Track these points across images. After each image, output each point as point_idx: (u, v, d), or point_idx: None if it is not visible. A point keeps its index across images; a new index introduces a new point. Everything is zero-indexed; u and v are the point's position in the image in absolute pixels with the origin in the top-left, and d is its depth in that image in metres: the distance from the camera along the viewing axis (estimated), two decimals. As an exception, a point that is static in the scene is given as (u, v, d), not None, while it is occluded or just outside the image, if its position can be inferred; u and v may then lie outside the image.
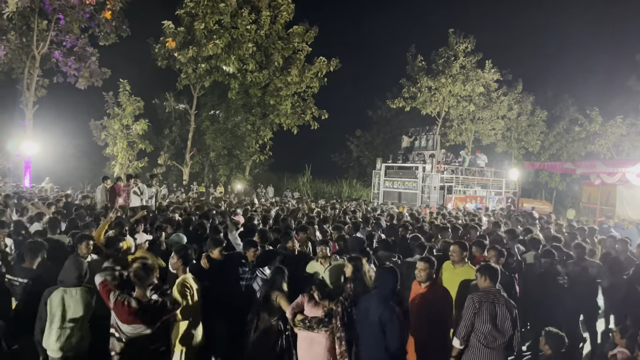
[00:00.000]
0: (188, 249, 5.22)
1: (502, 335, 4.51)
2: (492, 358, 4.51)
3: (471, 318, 4.54)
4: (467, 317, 4.57)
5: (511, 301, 4.69)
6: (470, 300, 4.61)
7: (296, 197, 25.52)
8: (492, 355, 4.51)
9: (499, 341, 4.50)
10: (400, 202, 21.08)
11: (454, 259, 5.90)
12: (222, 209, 12.40)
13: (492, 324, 4.50)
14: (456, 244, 5.99)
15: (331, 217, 11.72)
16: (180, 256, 5.02)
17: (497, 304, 4.57)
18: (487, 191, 23.67)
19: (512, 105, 31.32)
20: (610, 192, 20.52)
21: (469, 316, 4.56)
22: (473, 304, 4.57)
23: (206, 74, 25.10)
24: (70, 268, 4.45)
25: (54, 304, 4.29)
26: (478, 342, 4.56)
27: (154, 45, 24.53)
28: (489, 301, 4.57)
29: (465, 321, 4.57)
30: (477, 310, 4.53)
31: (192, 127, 28.00)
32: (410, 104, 29.35)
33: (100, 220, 8.04)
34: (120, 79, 22.76)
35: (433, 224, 10.77)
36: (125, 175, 15.44)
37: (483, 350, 4.53)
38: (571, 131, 33.05)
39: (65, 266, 4.49)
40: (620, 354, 4.92)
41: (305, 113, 28.10)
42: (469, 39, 27.87)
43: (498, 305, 4.56)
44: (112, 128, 22.72)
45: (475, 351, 4.57)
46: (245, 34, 24.59)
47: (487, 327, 4.49)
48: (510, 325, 4.52)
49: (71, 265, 4.48)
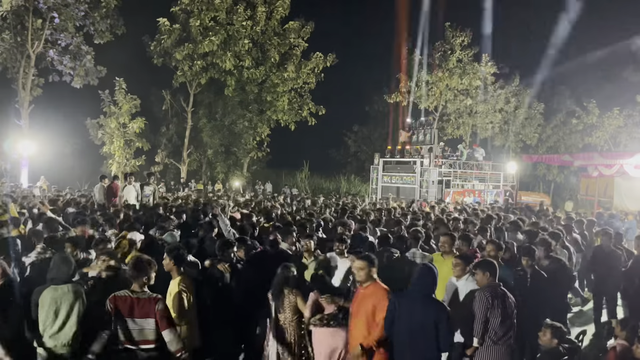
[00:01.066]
0: (180, 248, 5.10)
1: (511, 328, 4.53)
2: (501, 355, 4.52)
3: (485, 314, 4.50)
4: (481, 314, 4.51)
5: (509, 294, 4.68)
6: (482, 297, 4.56)
7: (295, 194, 25.50)
8: (500, 352, 4.52)
9: (508, 334, 4.52)
10: (399, 197, 21.06)
11: (444, 250, 6.02)
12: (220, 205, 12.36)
13: (503, 319, 4.50)
14: (447, 235, 6.10)
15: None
16: (172, 257, 4.91)
17: (505, 297, 4.59)
18: (485, 185, 23.65)
19: (509, 98, 31.28)
20: (608, 184, 20.56)
21: (483, 313, 4.51)
22: (486, 300, 4.52)
23: (202, 71, 25.04)
24: (59, 265, 4.41)
25: (46, 302, 4.26)
26: (488, 338, 4.54)
27: (149, 43, 24.44)
28: (499, 296, 4.57)
29: (480, 318, 4.52)
30: (490, 306, 4.50)
31: (189, 124, 27.94)
32: (407, 99, 29.28)
33: (98, 218, 8.04)
34: (116, 77, 22.66)
35: (431, 217, 10.78)
36: (123, 174, 15.38)
37: (493, 347, 4.53)
38: (568, 123, 33.02)
39: (54, 264, 4.45)
40: (620, 346, 4.92)
41: (303, 109, 28.07)
42: (466, 33, 27.80)
43: (506, 298, 4.59)
44: (108, 127, 22.64)
45: (484, 348, 4.56)
46: (241, 31, 24.52)
47: (498, 321, 4.49)
48: (515, 318, 4.57)
49: (60, 262, 4.45)
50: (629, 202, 19.25)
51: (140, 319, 4.05)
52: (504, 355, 4.52)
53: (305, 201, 16.37)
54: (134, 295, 4.10)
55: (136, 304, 4.06)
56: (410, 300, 4.34)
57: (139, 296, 4.10)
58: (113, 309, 4.04)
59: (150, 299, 4.13)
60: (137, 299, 4.08)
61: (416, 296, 4.35)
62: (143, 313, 4.06)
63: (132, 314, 4.05)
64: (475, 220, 9.90)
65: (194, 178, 30.24)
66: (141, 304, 4.07)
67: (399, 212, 12.04)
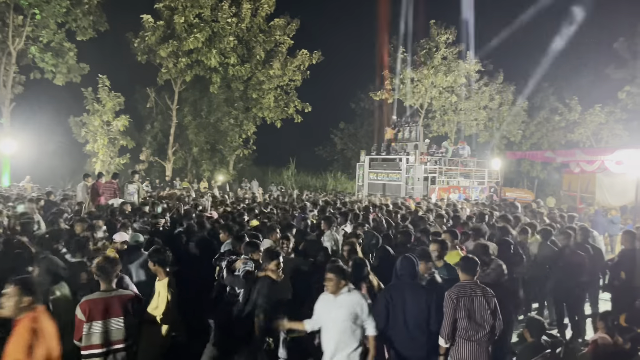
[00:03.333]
0: (162, 252, 5.04)
1: (483, 328, 4.49)
2: (476, 350, 4.50)
3: (452, 314, 4.51)
4: (448, 314, 4.53)
5: (489, 290, 4.65)
6: (447, 297, 4.58)
7: (282, 191, 25.47)
8: (475, 348, 4.50)
9: (480, 333, 4.48)
10: (385, 194, 21.15)
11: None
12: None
13: (472, 318, 4.49)
14: (446, 232, 6.55)
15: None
16: (155, 262, 4.96)
17: (474, 297, 4.54)
18: (470, 181, 23.88)
19: (494, 95, 31.59)
20: (590, 179, 20.88)
21: (450, 313, 4.52)
22: (451, 300, 4.53)
23: (187, 68, 24.83)
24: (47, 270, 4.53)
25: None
26: (459, 337, 4.54)
27: (133, 40, 24.17)
28: (466, 295, 4.54)
29: (447, 319, 4.53)
30: (455, 305, 4.50)
31: (174, 122, 27.72)
32: (393, 96, 29.40)
33: (79, 216, 8.04)
34: (99, 75, 22.37)
35: (418, 213, 10.87)
36: (107, 173, 15.25)
37: (465, 344, 4.51)
38: (551, 120, 33.43)
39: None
40: (601, 339, 5.02)
41: (289, 106, 28.02)
42: (450, 30, 27.98)
43: (476, 297, 4.54)
44: (92, 125, 22.35)
45: (458, 346, 4.56)
46: (226, 27, 24.36)
47: (466, 322, 4.48)
48: (490, 316, 4.51)
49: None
50: (611, 197, 19.57)
51: (114, 318, 4.12)
52: (477, 352, 4.49)
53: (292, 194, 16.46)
54: (104, 295, 4.16)
55: (110, 304, 4.12)
56: (400, 291, 4.62)
57: (109, 295, 4.17)
58: (87, 314, 4.02)
59: (122, 297, 4.22)
60: (110, 299, 4.15)
61: (404, 286, 4.64)
62: (115, 312, 4.13)
63: (108, 315, 4.10)
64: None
65: (179, 176, 30.03)
66: (113, 303, 4.14)
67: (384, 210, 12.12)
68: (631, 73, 30.46)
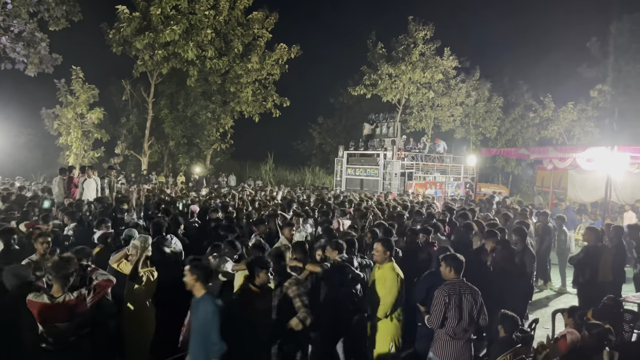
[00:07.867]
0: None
1: (469, 325, 4.60)
2: (460, 348, 4.59)
3: (443, 311, 4.56)
4: (439, 310, 4.57)
5: (475, 288, 4.76)
6: (439, 294, 4.64)
7: (260, 186, 25.34)
8: (459, 346, 4.59)
9: (468, 333, 4.60)
10: (362, 189, 21.27)
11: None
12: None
13: (461, 317, 4.57)
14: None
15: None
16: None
17: (463, 294, 4.64)
18: (447, 177, 24.18)
19: (470, 92, 31.93)
20: (562, 176, 21.32)
21: (441, 309, 4.57)
22: (443, 298, 4.59)
23: (164, 60, 24.43)
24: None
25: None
26: (446, 334, 4.61)
27: (108, 31, 23.66)
28: (457, 293, 4.63)
29: (437, 313, 4.58)
30: (447, 303, 4.56)
31: (150, 115, 27.27)
32: (371, 91, 29.47)
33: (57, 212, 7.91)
34: (73, 66, 21.86)
35: (396, 209, 10.97)
36: (80, 167, 14.98)
37: (450, 341, 4.60)
38: (526, 117, 34.00)
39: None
40: (570, 335, 5.14)
41: (267, 100, 27.89)
42: (428, 27, 28.14)
43: (464, 295, 4.64)
44: (65, 117, 21.80)
45: (443, 343, 4.64)
46: (203, 20, 24.05)
47: (456, 321, 4.55)
48: (477, 313, 4.63)
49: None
50: (582, 193, 20.05)
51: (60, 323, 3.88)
52: (462, 349, 4.60)
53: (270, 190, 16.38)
54: (53, 301, 3.85)
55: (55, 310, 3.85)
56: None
57: (58, 301, 3.87)
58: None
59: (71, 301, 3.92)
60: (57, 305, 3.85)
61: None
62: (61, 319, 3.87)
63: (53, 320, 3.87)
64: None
65: (155, 170, 29.63)
66: (59, 310, 3.86)
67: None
68: (603, 72, 31.25)
